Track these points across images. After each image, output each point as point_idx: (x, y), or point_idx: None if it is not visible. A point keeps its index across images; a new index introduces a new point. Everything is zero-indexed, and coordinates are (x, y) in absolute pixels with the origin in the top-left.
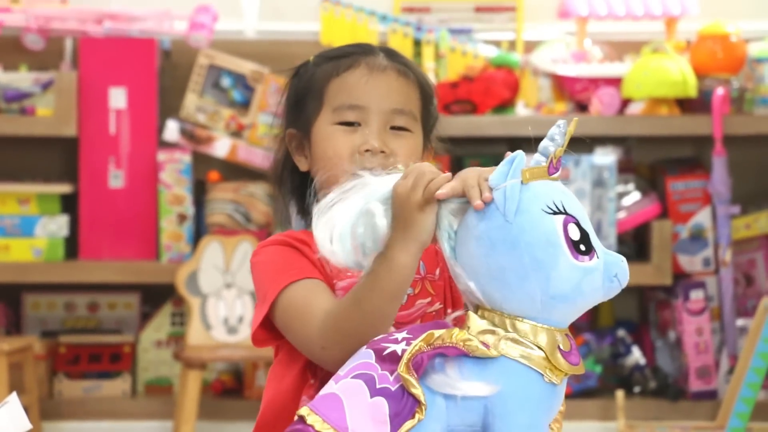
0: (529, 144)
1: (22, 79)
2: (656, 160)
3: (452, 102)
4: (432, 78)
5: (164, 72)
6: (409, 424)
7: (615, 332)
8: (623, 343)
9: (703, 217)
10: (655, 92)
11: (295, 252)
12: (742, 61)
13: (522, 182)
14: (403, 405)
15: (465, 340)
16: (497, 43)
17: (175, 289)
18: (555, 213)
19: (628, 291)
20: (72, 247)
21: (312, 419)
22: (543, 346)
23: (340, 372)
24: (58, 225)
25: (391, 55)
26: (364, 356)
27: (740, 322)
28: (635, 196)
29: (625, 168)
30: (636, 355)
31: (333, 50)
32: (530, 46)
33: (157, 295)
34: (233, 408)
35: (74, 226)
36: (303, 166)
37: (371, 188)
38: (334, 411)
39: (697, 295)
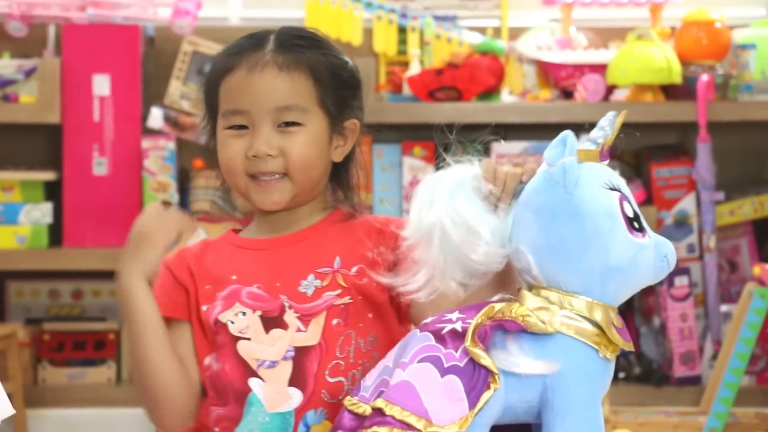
0: (515, 131)
1: (5, 66)
2: (641, 146)
3: (437, 89)
4: (416, 65)
5: (148, 59)
6: (486, 395)
7: None
8: None
9: (687, 204)
10: (639, 79)
11: (169, 278)
12: (726, 47)
13: (578, 160)
14: (476, 378)
15: (524, 315)
16: (482, 30)
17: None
18: (611, 189)
19: None
20: (56, 234)
21: (390, 410)
22: (599, 322)
23: (404, 359)
24: (42, 212)
25: (282, 43)
26: (423, 339)
27: (724, 307)
28: None
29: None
30: None
31: (231, 46)
32: (515, 33)
33: None
34: None
35: (58, 213)
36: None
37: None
38: (409, 398)
39: (681, 281)
